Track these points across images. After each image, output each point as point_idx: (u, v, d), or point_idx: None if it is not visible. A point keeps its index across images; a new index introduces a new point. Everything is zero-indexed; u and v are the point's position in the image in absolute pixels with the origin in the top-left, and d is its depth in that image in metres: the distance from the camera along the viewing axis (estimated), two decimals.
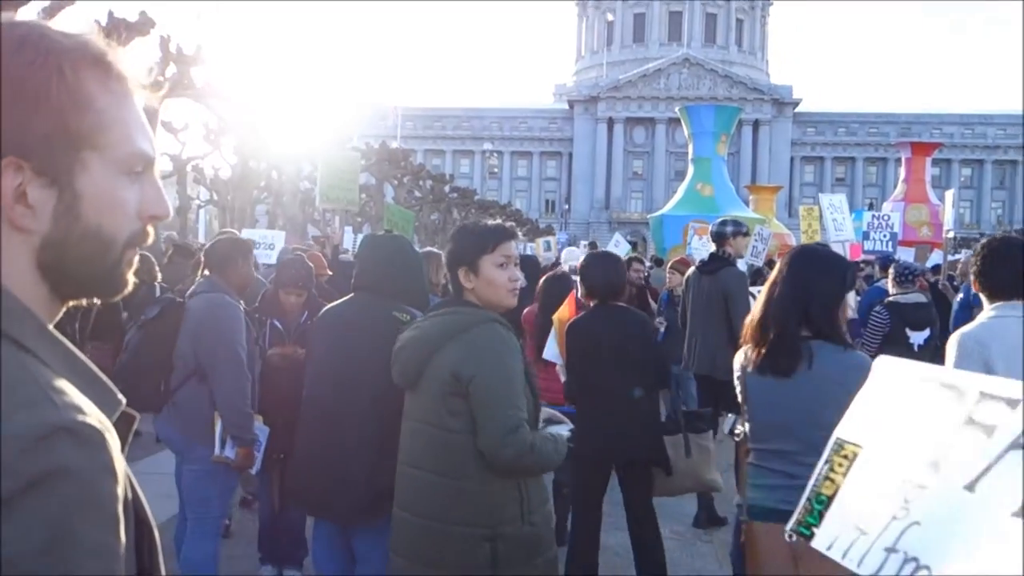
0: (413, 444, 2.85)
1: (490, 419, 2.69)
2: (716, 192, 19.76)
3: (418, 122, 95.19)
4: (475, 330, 2.76)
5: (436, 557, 2.76)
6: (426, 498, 2.79)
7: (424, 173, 38.72)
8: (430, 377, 2.78)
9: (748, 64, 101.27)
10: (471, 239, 2.88)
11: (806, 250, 3.30)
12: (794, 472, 2.98)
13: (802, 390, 3.00)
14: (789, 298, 3.04)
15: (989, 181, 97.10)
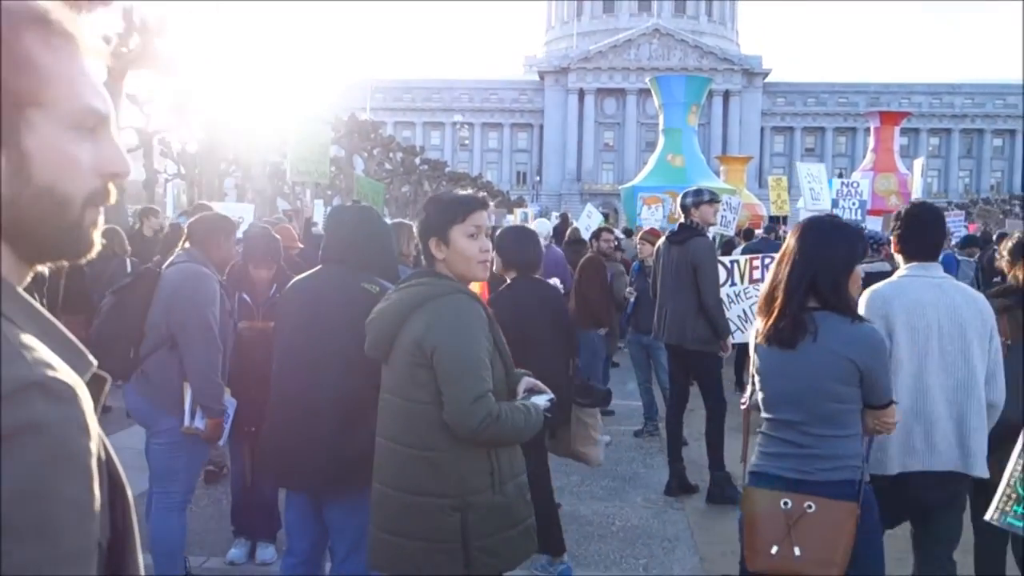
0: (386, 417, 2.85)
1: (453, 389, 2.68)
2: (687, 163, 19.79)
3: (388, 94, 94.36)
4: (439, 300, 2.75)
5: (410, 528, 2.77)
6: (399, 470, 2.79)
7: (394, 145, 38.47)
8: (399, 348, 2.77)
9: (718, 34, 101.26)
10: (441, 209, 2.85)
11: (814, 222, 3.29)
12: (802, 442, 3.03)
13: (807, 361, 2.99)
14: (797, 269, 3.03)
15: (956, 150, 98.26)
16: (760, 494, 3.07)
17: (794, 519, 2.97)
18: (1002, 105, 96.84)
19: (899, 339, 3.55)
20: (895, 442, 3.49)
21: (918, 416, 3.53)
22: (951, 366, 3.55)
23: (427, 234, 2.84)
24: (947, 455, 3.54)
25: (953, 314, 3.56)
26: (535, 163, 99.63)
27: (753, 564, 3.07)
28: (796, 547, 2.95)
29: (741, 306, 7.31)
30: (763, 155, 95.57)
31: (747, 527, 3.10)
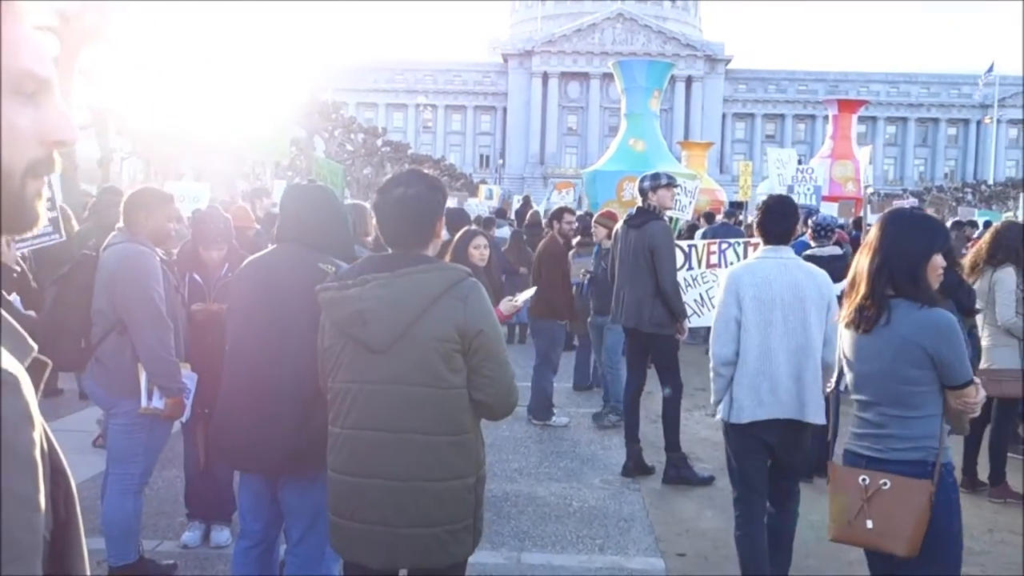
0: (391, 407, 2.73)
1: (502, 370, 2.78)
2: (648, 148, 19.81)
3: (350, 74, 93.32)
4: (465, 285, 2.74)
5: (435, 516, 2.74)
6: (422, 460, 2.72)
7: (356, 126, 38.11)
8: (420, 336, 2.69)
9: (682, 20, 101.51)
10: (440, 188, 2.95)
11: (895, 213, 3.50)
12: (879, 422, 3.27)
13: (881, 345, 3.21)
14: (876, 259, 3.22)
15: (912, 138, 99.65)
16: (842, 470, 3.35)
17: (869, 494, 3.21)
18: (957, 95, 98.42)
19: (747, 310, 4.21)
20: (746, 395, 4.21)
21: (764, 374, 4.20)
22: (792, 332, 4.19)
23: (436, 213, 2.86)
24: (788, 405, 4.21)
25: (795, 289, 4.20)
26: (498, 146, 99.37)
27: (832, 533, 3.37)
28: (868, 520, 3.20)
29: (698, 290, 7.37)
30: (724, 141, 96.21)
31: (831, 500, 3.37)
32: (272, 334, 3.40)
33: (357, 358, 2.76)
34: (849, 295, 3.33)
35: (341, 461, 2.82)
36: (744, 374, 4.24)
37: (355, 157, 36.71)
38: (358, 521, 2.79)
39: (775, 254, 4.35)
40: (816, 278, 4.30)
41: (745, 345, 4.23)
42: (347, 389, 2.79)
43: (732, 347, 4.27)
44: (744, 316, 4.22)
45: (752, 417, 4.23)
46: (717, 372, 4.35)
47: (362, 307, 2.72)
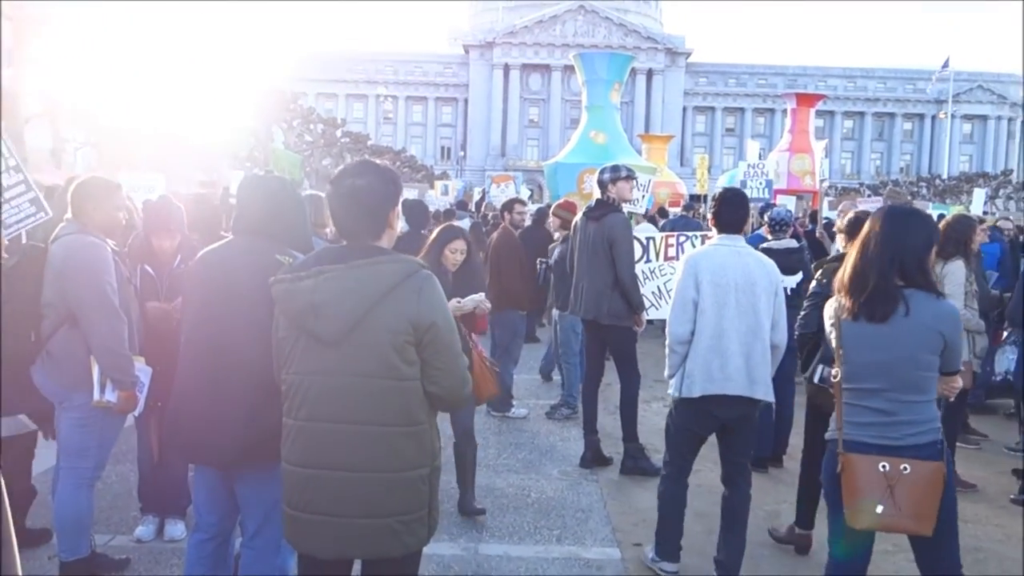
0: (344, 399, 2.73)
1: (455, 361, 2.81)
2: (609, 140, 19.91)
3: (309, 64, 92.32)
4: (418, 276, 2.75)
5: (390, 507, 2.75)
6: (378, 451, 2.73)
7: (315, 117, 37.75)
8: (374, 327, 2.69)
9: (642, 13, 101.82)
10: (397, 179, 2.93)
11: (896, 209, 3.65)
12: (888, 409, 3.42)
13: (900, 334, 3.38)
14: (887, 252, 3.40)
15: (869, 133, 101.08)
16: (859, 459, 3.41)
17: (894, 481, 3.36)
18: (912, 90, 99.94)
19: (704, 292, 4.53)
20: (699, 371, 4.52)
21: (717, 352, 4.52)
22: (743, 315, 4.52)
23: (391, 205, 2.84)
24: (737, 382, 4.52)
25: (747, 275, 4.54)
26: (460, 138, 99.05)
27: (859, 523, 3.42)
28: (898, 505, 3.35)
29: (656, 282, 7.44)
30: (685, 134, 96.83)
31: (848, 490, 3.41)
32: (226, 325, 3.35)
33: (310, 350, 2.75)
34: (848, 288, 3.46)
35: (295, 453, 2.81)
36: (698, 352, 4.55)
37: (314, 148, 36.37)
38: (311, 512, 2.78)
39: (729, 242, 4.68)
40: (766, 267, 4.65)
41: (700, 325, 4.54)
42: (300, 381, 2.78)
43: (689, 327, 4.57)
44: (701, 298, 4.53)
45: (703, 391, 4.53)
46: (672, 349, 4.64)
47: (315, 299, 2.70)
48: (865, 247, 3.45)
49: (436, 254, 5.31)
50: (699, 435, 4.82)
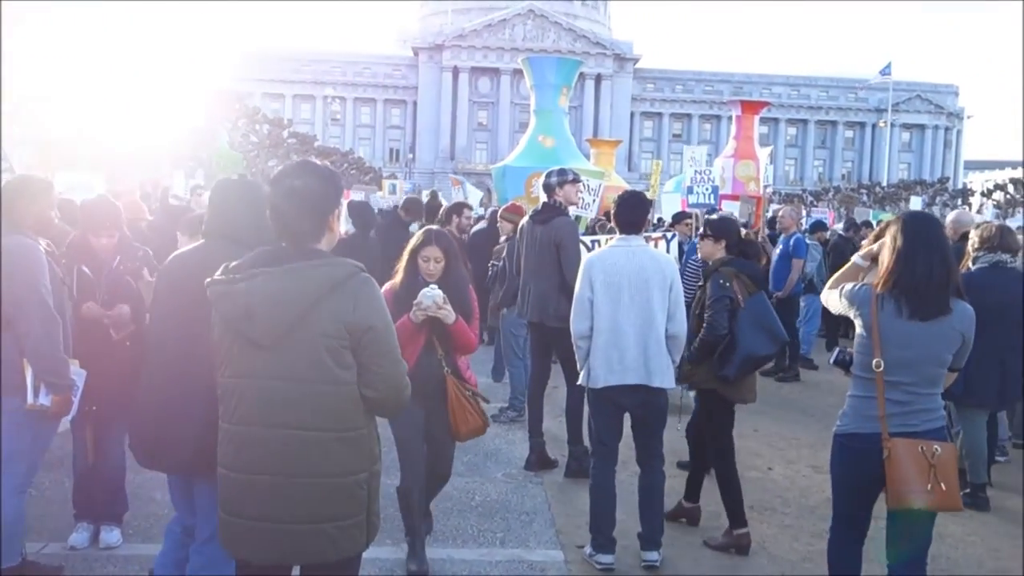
0: (279, 403, 2.68)
1: (394, 366, 2.78)
2: (557, 144, 19.95)
3: (256, 64, 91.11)
4: (356, 280, 2.71)
5: (325, 512, 2.71)
6: (314, 456, 2.69)
7: (260, 117, 37.28)
8: (309, 331, 2.65)
9: (591, 18, 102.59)
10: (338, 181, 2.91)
11: (931, 217, 4.11)
12: (908, 400, 3.74)
13: (935, 333, 3.72)
14: (939, 257, 3.72)
15: (812, 140, 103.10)
16: (903, 443, 3.68)
17: (934, 461, 3.66)
18: (854, 99, 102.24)
19: (598, 291, 4.91)
20: (600, 364, 4.92)
21: (615, 345, 4.90)
22: (638, 309, 4.90)
23: (330, 207, 2.82)
24: (634, 372, 4.92)
25: (641, 272, 4.92)
26: (408, 140, 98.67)
27: (908, 503, 3.67)
28: (942, 483, 3.66)
29: None
30: (633, 139, 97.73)
31: (897, 475, 3.66)
32: (191, 330, 3.26)
33: (244, 353, 2.71)
34: (895, 285, 3.70)
35: (230, 457, 2.77)
36: (598, 346, 4.95)
37: (260, 149, 35.89)
38: (247, 518, 2.74)
39: (625, 243, 5.07)
40: (659, 262, 5.08)
41: (597, 322, 4.93)
42: (235, 384, 2.74)
43: (587, 323, 4.96)
44: (596, 297, 4.92)
45: (605, 383, 4.95)
46: (577, 345, 5.06)
47: (249, 301, 2.66)
48: (912, 251, 3.70)
49: (412, 265, 4.69)
50: (612, 423, 5.14)
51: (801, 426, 8.43)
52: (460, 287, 4.75)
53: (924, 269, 3.71)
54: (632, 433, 5.20)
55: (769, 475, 7.03)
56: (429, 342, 4.61)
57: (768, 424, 8.65)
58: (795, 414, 8.94)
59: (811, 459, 7.35)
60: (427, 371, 4.54)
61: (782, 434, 8.25)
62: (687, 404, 6.38)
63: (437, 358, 4.63)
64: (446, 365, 4.65)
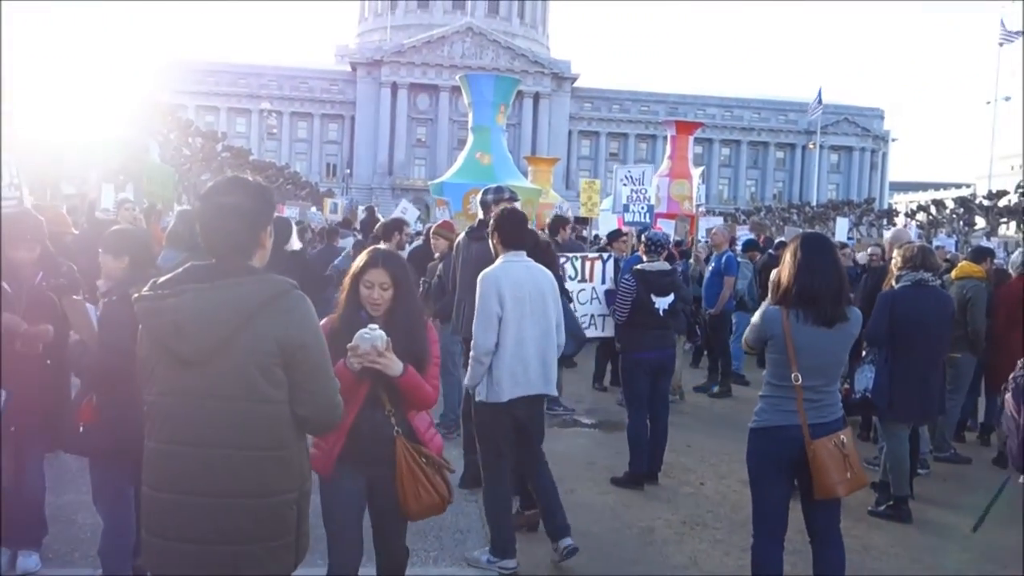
0: (206, 422, 2.63)
1: (325, 384, 2.75)
2: (495, 161, 20.00)
3: (189, 76, 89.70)
4: (288, 297, 2.68)
5: (251, 533, 2.65)
6: (229, 476, 2.63)
7: (194, 130, 36.63)
8: (238, 348, 2.60)
9: (530, 37, 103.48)
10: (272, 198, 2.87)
11: (828, 237, 4.67)
12: (817, 398, 4.20)
13: (838, 339, 4.24)
14: (838, 270, 4.22)
15: (744, 160, 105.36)
16: (822, 444, 4.14)
17: (846, 451, 4.17)
18: (784, 121, 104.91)
19: (507, 305, 5.00)
20: (506, 377, 5.03)
21: (519, 358, 5.06)
22: (537, 322, 5.11)
23: (262, 223, 2.78)
24: (536, 383, 5.14)
25: (537, 286, 5.13)
26: (346, 155, 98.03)
27: (835, 493, 4.16)
28: (853, 468, 4.18)
29: None
30: (571, 157, 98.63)
31: (821, 469, 4.11)
32: None
33: (172, 370, 2.65)
34: (797, 299, 4.15)
35: (154, 477, 2.69)
36: (503, 360, 5.03)
37: (192, 162, 35.21)
38: (172, 539, 2.67)
39: (517, 259, 5.20)
40: (548, 275, 5.30)
41: (503, 336, 5.02)
42: (162, 402, 2.68)
43: (495, 338, 5.01)
44: (505, 312, 5.00)
45: (511, 395, 5.07)
46: (479, 360, 5.05)
47: (177, 318, 2.60)
48: (811, 264, 4.16)
49: (353, 294, 3.74)
50: (509, 434, 5.24)
51: (733, 441, 8.54)
52: (413, 324, 3.72)
53: (823, 279, 4.16)
54: (517, 441, 5.32)
55: (701, 490, 7.12)
56: (373, 395, 3.62)
57: (701, 440, 8.78)
58: (727, 429, 9.07)
59: (742, 473, 7.39)
60: (370, 431, 3.63)
61: (714, 449, 8.37)
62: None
63: (384, 415, 3.65)
64: (396, 424, 3.66)
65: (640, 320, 7.04)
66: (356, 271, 3.73)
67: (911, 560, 5.80)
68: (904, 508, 6.55)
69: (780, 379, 4.25)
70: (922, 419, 6.98)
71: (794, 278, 4.18)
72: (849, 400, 6.15)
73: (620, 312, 7.14)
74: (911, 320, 6.45)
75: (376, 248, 3.93)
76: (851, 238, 26.79)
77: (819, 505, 4.29)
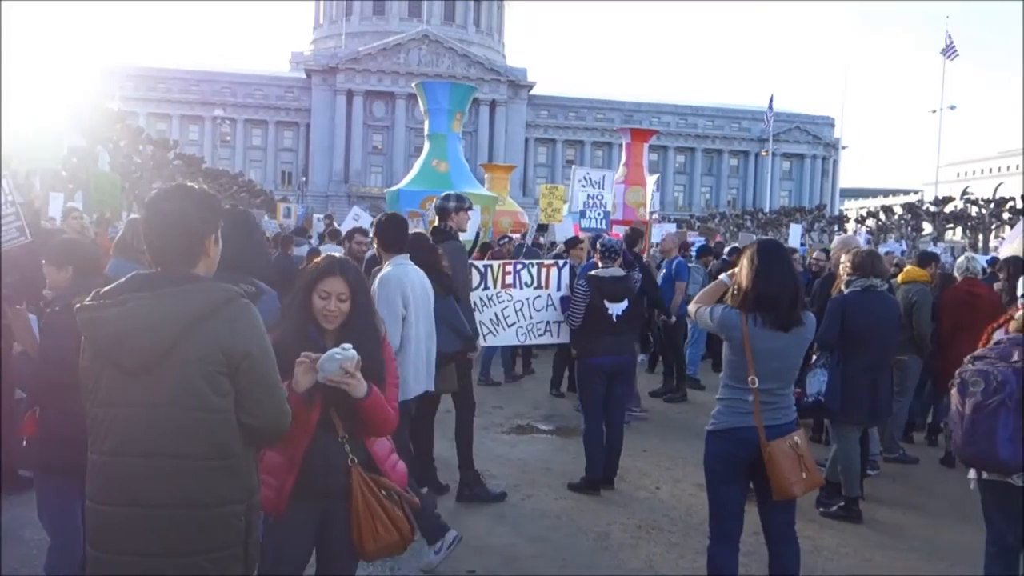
0: (151, 432, 2.58)
1: (272, 394, 2.72)
2: (451, 169, 19.95)
3: (140, 83, 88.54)
4: (235, 305, 2.65)
5: (199, 544, 2.61)
6: (175, 487, 2.59)
7: (145, 137, 36.06)
8: (183, 358, 2.57)
9: (486, 45, 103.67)
10: (217, 206, 2.85)
11: (782, 244, 4.90)
12: (772, 401, 4.31)
13: (794, 343, 4.35)
14: (793, 276, 4.34)
15: (699, 167, 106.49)
16: (777, 445, 4.23)
17: (800, 451, 4.27)
18: (738, 128, 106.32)
19: (409, 306, 5.29)
20: (412, 375, 5.32)
21: (420, 355, 5.42)
22: (427, 321, 5.49)
23: (206, 231, 2.76)
24: (428, 380, 5.54)
25: (424, 287, 5.49)
26: (301, 163, 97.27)
27: (792, 493, 4.25)
28: (808, 469, 4.28)
29: (493, 309, 7.48)
30: (527, 165, 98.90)
31: (777, 471, 4.21)
32: None
33: (115, 381, 2.61)
34: (757, 304, 4.22)
35: (99, 490, 2.64)
36: (408, 358, 5.28)
37: (143, 171, 34.64)
38: (118, 553, 2.61)
39: (404, 261, 5.51)
40: (425, 277, 5.56)
41: (407, 335, 5.30)
42: (105, 414, 2.63)
43: (399, 338, 5.21)
44: (408, 313, 5.29)
45: (415, 393, 5.40)
46: None
47: (120, 328, 2.57)
48: (767, 270, 4.25)
49: (303, 306, 3.39)
50: (406, 431, 5.46)
51: (688, 445, 8.63)
52: (369, 339, 3.37)
53: (778, 284, 4.27)
54: (411, 434, 5.70)
55: (657, 494, 7.16)
56: (325, 419, 3.30)
57: (656, 444, 8.83)
58: (682, 434, 9.15)
59: (697, 477, 7.50)
60: (323, 461, 3.29)
61: (669, 453, 8.43)
62: None
63: (337, 442, 3.31)
64: (351, 452, 3.32)
65: (594, 326, 7.08)
66: (310, 279, 3.37)
67: (862, 559, 5.89)
68: (855, 508, 6.65)
69: (737, 381, 4.34)
70: (872, 421, 7.10)
71: (752, 283, 4.27)
72: (801, 403, 6.23)
73: (574, 317, 7.17)
74: (861, 325, 6.56)
75: (331, 255, 3.56)
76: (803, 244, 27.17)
77: (775, 506, 4.37)
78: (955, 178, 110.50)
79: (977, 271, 8.90)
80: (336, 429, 3.31)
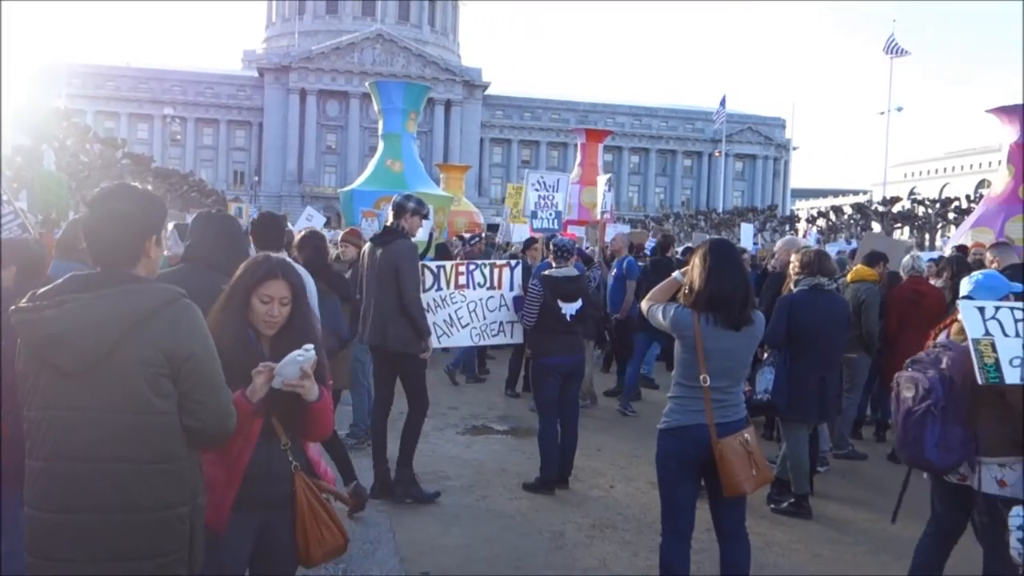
0: (91, 436, 2.52)
1: (217, 396, 2.68)
2: (406, 169, 19.91)
3: (87, 80, 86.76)
4: (176, 306, 2.61)
5: (143, 549, 2.57)
6: (116, 491, 2.54)
7: (92, 136, 35.38)
8: (123, 359, 2.52)
9: (441, 45, 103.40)
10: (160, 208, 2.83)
11: (733, 244, 4.95)
12: (723, 399, 4.35)
13: (744, 343, 4.42)
14: (744, 275, 4.42)
15: (653, 168, 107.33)
16: (727, 443, 4.28)
17: (750, 449, 4.33)
18: (691, 129, 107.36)
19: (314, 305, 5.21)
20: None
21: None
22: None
23: (151, 231, 2.73)
24: None
25: (310, 287, 5.09)
26: (254, 163, 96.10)
27: (742, 490, 4.31)
28: (758, 465, 4.35)
29: (447, 311, 7.45)
30: (483, 165, 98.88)
31: (728, 468, 4.25)
32: None
33: (53, 384, 2.54)
34: (708, 303, 4.29)
35: (37, 496, 2.58)
36: None
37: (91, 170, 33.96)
38: (59, 560, 2.56)
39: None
40: (308, 276, 5.51)
41: None
42: (43, 418, 2.56)
43: None
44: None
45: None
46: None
47: (57, 330, 2.51)
48: (719, 269, 4.31)
49: (240, 305, 3.19)
50: None
51: (642, 443, 8.69)
52: (311, 340, 3.18)
53: (730, 283, 4.33)
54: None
55: (611, 493, 7.20)
56: (267, 426, 3.18)
57: (611, 443, 8.88)
58: (636, 432, 9.21)
59: (651, 476, 7.52)
60: (265, 469, 3.16)
61: (623, 452, 8.48)
62: None
63: (280, 449, 3.20)
64: (293, 458, 3.22)
65: (548, 325, 7.09)
66: (250, 283, 3.18)
67: (811, 555, 5.98)
68: (805, 505, 6.75)
69: (689, 379, 4.39)
70: (820, 418, 7.21)
71: (705, 284, 4.32)
72: (751, 400, 6.30)
73: (528, 317, 7.18)
74: (808, 323, 6.65)
75: (268, 256, 3.35)
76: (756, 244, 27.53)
77: (726, 503, 4.41)
78: (903, 178, 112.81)
79: (922, 270, 9.09)
80: (279, 436, 3.19)
